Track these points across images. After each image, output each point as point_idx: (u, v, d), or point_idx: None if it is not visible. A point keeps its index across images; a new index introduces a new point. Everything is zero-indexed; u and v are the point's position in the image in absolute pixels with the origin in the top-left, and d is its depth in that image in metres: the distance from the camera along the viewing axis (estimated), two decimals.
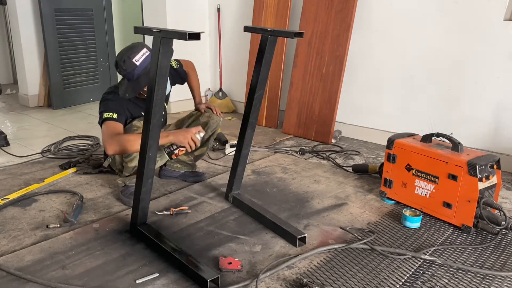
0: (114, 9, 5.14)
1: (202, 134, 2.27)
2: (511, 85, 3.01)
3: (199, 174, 2.85)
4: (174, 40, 1.71)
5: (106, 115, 2.29)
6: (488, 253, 2.04)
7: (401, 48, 3.45)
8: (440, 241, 2.14)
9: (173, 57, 2.11)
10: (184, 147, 2.24)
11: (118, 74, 1.91)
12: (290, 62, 3.97)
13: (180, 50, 4.45)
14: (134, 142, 2.16)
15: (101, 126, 2.34)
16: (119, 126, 2.30)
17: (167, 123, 2.79)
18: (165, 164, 2.80)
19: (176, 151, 2.27)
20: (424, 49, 3.34)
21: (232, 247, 2.05)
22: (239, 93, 4.67)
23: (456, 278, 1.84)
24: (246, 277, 1.82)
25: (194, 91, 2.87)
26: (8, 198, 2.46)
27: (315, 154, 3.38)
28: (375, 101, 3.67)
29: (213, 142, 2.89)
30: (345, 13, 3.53)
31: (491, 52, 3.05)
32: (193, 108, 2.83)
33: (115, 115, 2.28)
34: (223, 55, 4.71)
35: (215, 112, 2.68)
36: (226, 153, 3.28)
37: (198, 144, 2.25)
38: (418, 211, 2.31)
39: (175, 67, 2.69)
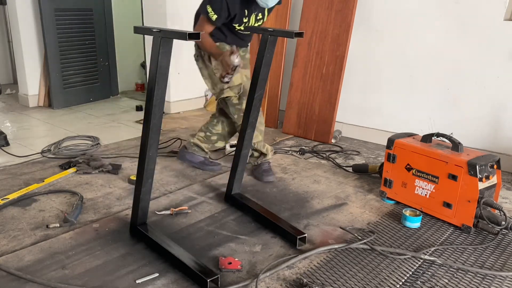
0: (114, 9, 5.14)
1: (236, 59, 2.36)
2: (511, 85, 3.01)
3: (215, 163, 2.96)
4: (174, 40, 1.71)
5: (209, 12, 2.43)
6: (488, 253, 2.04)
7: (401, 48, 3.45)
8: (440, 241, 2.14)
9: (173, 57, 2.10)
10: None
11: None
12: (290, 62, 3.97)
13: (180, 49, 4.47)
14: (208, 44, 2.51)
15: (201, 13, 2.53)
16: (210, 29, 2.51)
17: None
18: (185, 147, 2.95)
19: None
20: (424, 49, 3.34)
21: (232, 247, 2.05)
22: None
23: (456, 278, 1.84)
24: (246, 277, 1.82)
25: None
26: (8, 198, 2.46)
27: (315, 154, 3.38)
28: (375, 101, 3.67)
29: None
30: (345, 13, 3.53)
31: (491, 52, 3.05)
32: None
33: (214, 17, 2.43)
34: None
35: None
36: (226, 153, 3.28)
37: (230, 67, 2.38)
38: (418, 211, 2.31)
39: None
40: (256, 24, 2.61)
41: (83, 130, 3.87)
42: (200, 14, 2.55)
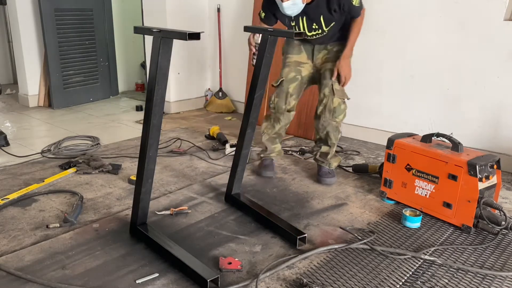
0: (114, 9, 5.14)
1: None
2: (511, 85, 3.01)
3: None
4: (174, 40, 1.71)
5: (261, 10, 2.68)
6: (488, 253, 2.04)
7: (401, 48, 3.45)
8: (440, 241, 2.14)
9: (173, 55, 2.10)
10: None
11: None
12: None
13: (180, 50, 4.48)
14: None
15: None
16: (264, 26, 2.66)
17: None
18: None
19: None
20: (424, 49, 3.34)
21: (232, 247, 2.05)
22: (239, 93, 4.67)
23: (456, 278, 1.84)
24: (246, 277, 1.82)
25: (348, 40, 2.75)
26: (8, 198, 2.46)
27: None
28: (375, 101, 3.67)
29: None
30: None
31: (491, 52, 3.05)
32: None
33: (263, 15, 2.68)
34: (223, 55, 4.71)
35: (342, 83, 2.83)
36: (226, 153, 3.28)
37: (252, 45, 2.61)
38: (418, 211, 2.31)
39: (354, 4, 2.49)
40: (313, 33, 2.61)
41: (83, 130, 3.87)
42: None
